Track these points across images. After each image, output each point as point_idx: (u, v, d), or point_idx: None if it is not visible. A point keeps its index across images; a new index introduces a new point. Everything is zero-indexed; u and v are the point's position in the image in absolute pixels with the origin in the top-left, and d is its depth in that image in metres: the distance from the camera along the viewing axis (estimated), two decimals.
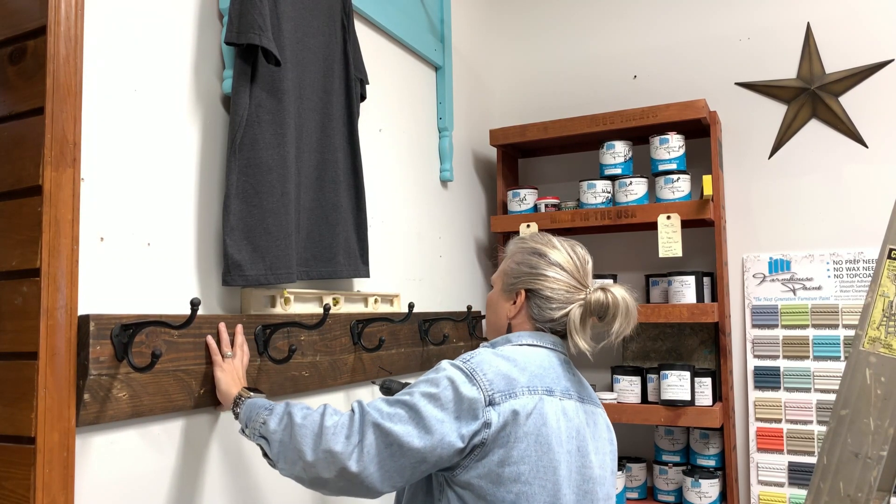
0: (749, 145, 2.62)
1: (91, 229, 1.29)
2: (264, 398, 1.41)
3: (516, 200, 2.70)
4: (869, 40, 2.46)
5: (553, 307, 1.41)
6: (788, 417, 2.43)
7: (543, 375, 1.33)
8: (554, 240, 1.48)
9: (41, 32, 1.21)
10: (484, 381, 1.27)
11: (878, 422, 1.38)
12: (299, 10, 1.75)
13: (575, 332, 1.39)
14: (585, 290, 1.42)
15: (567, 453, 1.29)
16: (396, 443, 1.22)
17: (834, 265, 2.44)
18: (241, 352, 1.51)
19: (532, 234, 1.52)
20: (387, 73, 2.29)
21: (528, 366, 1.33)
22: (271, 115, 1.60)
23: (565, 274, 1.42)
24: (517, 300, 1.45)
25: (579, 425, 1.34)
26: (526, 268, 1.45)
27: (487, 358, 1.32)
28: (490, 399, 1.25)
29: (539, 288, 1.42)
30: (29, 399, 1.16)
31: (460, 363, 1.31)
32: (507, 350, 1.36)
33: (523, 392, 1.28)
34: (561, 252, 1.44)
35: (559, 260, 1.43)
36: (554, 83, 3.00)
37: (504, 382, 1.28)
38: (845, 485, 1.39)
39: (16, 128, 1.23)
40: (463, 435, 1.23)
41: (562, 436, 1.29)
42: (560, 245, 1.47)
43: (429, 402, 1.25)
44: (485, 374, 1.28)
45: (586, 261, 1.47)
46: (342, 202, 1.87)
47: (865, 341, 1.43)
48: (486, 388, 1.26)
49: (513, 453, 1.24)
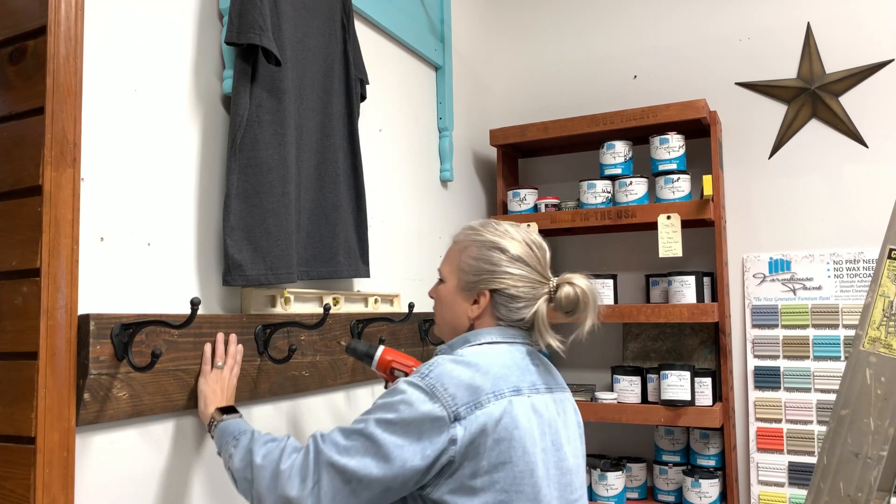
0: (749, 145, 2.62)
1: (91, 229, 1.29)
2: (237, 418, 1.38)
3: (516, 200, 2.70)
4: (869, 40, 2.46)
5: (520, 306, 1.34)
6: (788, 417, 2.43)
7: (508, 375, 1.26)
8: (510, 229, 1.39)
9: (41, 32, 1.21)
10: (446, 396, 1.19)
11: (878, 422, 1.38)
12: (299, 10, 1.75)
13: (544, 329, 1.33)
14: (548, 283, 1.35)
15: (542, 451, 1.24)
16: (355, 478, 1.16)
17: (834, 265, 2.44)
18: (232, 361, 1.49)
19: (484, 223, 1.42)
20: (387, 73, 2.29)
21: (490, 368, 1.25)
22: (271, 115, 1.60)
23: (528, 269, 1.34)
24: (480, 301, 1.36)
25: (551, 418, 1.29)
26: (486, 265, 1.35)
27: (447, 369, 1.23)
28: (455, 414, 1.18)
29: (503, 287, 1.34)
30: (29, 399, 1.16)
31: (418, 380, 1.22)
32: (467, 353, 1.28)
33: (489, 399, 1.21)
34: (520, 244, 1.36)
35: (520, 254, 1.35)
36: (554, 83, 3.00)
37: (468, 393, 1.20)
38: (845, 485, 1.39)
39: (16, 128, 1.23)
40: (427, 456, 1.16)
41: (535, 435, 1.23)
42: (517, 235, 1.38)
43: (386, 429, 1.17)
44: (446, 389, 1.20)
45: (544, 249, 1.39)
46: (342, 202, 1.87)
47: (865, 341, 1.43)
48: (450, 403, 1.18)
49: (483, 463, 1.18)
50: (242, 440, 1.30)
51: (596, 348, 2.83)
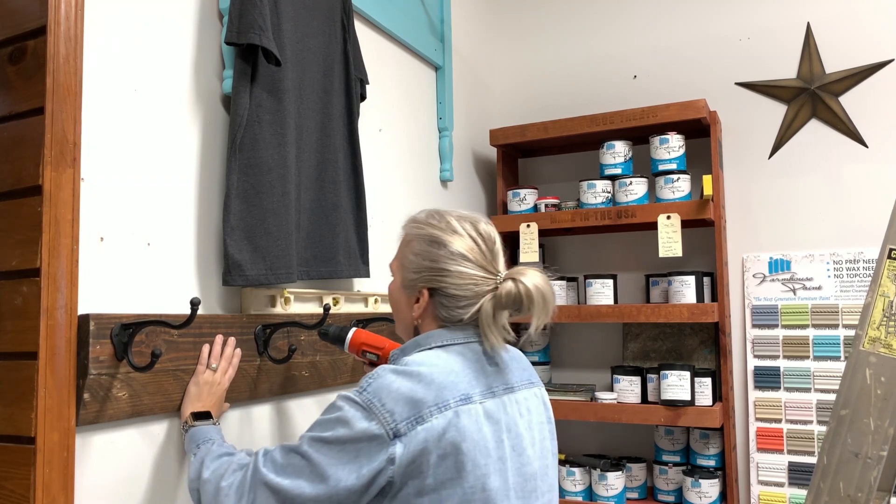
0: (749, 145, 2.62)
1: (91, 229, 1.29)
2: (208, 425, 1.37)
3: (516, 200, 2.70)
4: (869, 40, 2.46)
5: (461, 305, 1.25)
6: (788, 417, 2.43)
7: (456, 382, 1.17)
8: (453, 221, 1.28)
9: (41, 32, 1.21)
10: (383, 412, 1.12)
11: (878, 422, 1.38)
12: (299, 10, 1.75)
13: (488, 329, 1.23)
14: (496, 278, 1.24)
15: (498, 461, 1.16)
16: (288, 498, 1.12)
17: (834, 265, 2.44)
18: (226, 364, 1.48)
19: (430, 214, 1.32)
20: (387, 73, 2.29)
21: (435, 377, 1.16)
22: (271, 115, 1.60)
23: (470, 265, 1.24)
24: (420, 300, 1.28)
25: (510, 422, 1.22)
26: (426, 261, 1.26)
27: (386, 382, 1.15)
28: (394, 431, 1.10)
29: (443, 286, 1.25)
30: (29, 399, 1.16)
31: (356, 395, 1.15)
32: (415, 360, 1.20)
33: (431, 413, 1.12)
34: (463, 238, 1.26)
35: (461, 249, 1.24)
36: (554, 83, 3.00)
37: (408, 408, 1.12)
38: (845, 485, 1.39)
39: (16, 128, 1.23)
40: (363, 475, 1.10)
41: (488, 445, 1.16)
42: (461, 227, 1.27)
43: (321, 448, 1.12)
44: (384, 405, 1.12)
45: (493, 240, 1.28)
46: (342, 202, 1.87)
47: (865, 341, 1.43)
48: (388, 420, 1.11)
49: (429, 481, 1.11)
50: (201, 450, 1.30)
51: (596, 348, 2.83)
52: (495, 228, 1.32)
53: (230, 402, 1.53)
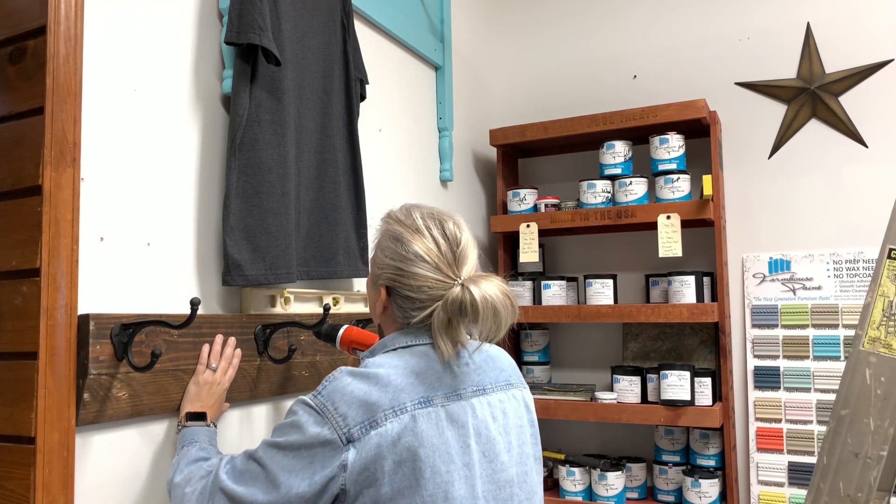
0: (749, 145, 2.62)
1: (91, 229, 1.29)
2: (199, 427, 1.37)
3: (516, 200, 2.70)
4: (869, 40, 2.46)
5: (415, 308, 1.19)
6: (788, 417, 2.43)
7: (416, 384, 1.13)
8: (419, 220, 1.23)
9: (41, 32, 1.21)
10: (336, 416, 1.08)
11: (878, 422, 1.38)
12: (299, 10, 1.75)
13: (439, 336, 1.16)
14: (454, 283, 1.17)
15: (464, 467, 1.11)
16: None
17: (834, 265, 2.44)
18: (226, 364, 1.48)
19: (402, 209, 1.28)
20: (387, 73, 2.29)
21: (392, 379, 1.12)
22: (271, 115, 1.60)
23: (427, 267, 1.18)
24: (381, 297, 1.24)
25: (479, 426, 1.16)
26: (387, 258, 1.22)
27: (341, 385, 1.11)
28: (347, 436, 1.07)
29: (398, 286, 1.20)
30: (29, 399, 1.16)
31: (311, 399, 1.12)
32: (377, 361, 1.17)
33: (386, 417, 1.08)
34: (423, 238, 1.20)
35: (420, 250, 1.19)
36: (554, 83, 3.00)
37: (361, 411, 1.08)
38: (845, 485, 1.39)
39: (16, 128, 1.23)
40: (315, 482, 1.06)
41: (451, 451, 1.11)
42: (425, 226, 1.22)
43: (275, 454, 1.10)
44: (336, 408, 1.09)
45: (458, 242, 1.21)
46: (342, 202, 1.87)
47: (865, 341, 1.43)
48: (340, 424, 1.08)
49: (385, 490, 1.06)
50: (181, 453, 1.30)
51: (596, 348, 2.83)
52: (467, 230, 1.25)
53: (230, 402, 1.53)
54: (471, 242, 1.24)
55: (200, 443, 1.33)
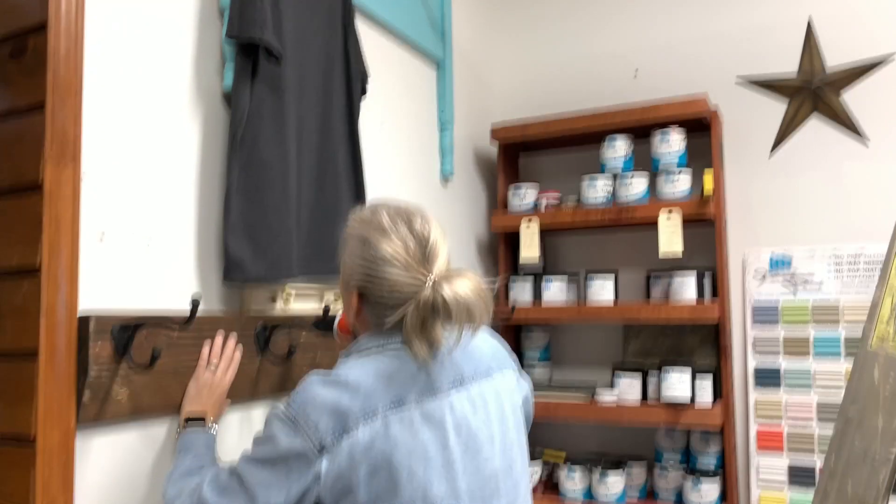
0: (750, 142, 2.62)
1: (91, 227, 1.29)
2: (197, 432, 1.36)
3: (517, 197, 2.70)
4: (870, 36, 2.46)
5: (387, 312, 1.15)
6: (789, 417, 2.42)
7: (388, 387, 1.11)
8: (385, 220, 1.19)
9: (42, 29, 1.20)
10: (308, 426, 1.07)
11: (887, 422, 1.37)
12: (300, 7, 1.74)
13: (411, 338, 1.13)
14: (426, 281, 1.13)
15: (443, 466, 1.10)
16: None
17: (835, 263, 2.43)
18: (226, 363, 1.46)
19: (368, 210, 1.24)
20: (387, 69, 2.28)
21: (363, 382, 1.11)
22: (272, 112, 1.59)
23: (397, 268, 1.14)
24: (353, 301, 1.21)
25: (459, 421, 1.14)
26: (355, 262, 1.19)
27: (311, 394, 1.10)
28: (320, 445, 1.06)
29: (368, 291, 1.17)
30: (29, 399, 1.16)
31: (283, 409, 1.11)
32: (348, 364, 1.16)
33: (358, 423, 1.07)
34: (391, 240, 1.16)
35: (388, 253, 1.15)
36: (555, 79, 2.99)
37: (333, 419, 1.07)
38: (853, 486, 1.38)
39: (16, 125, 1.22)
40: (292, 494, 1.06)
41: (427, 451, 1.09)
42: (392, 226, 1.18)
43: (253, 468, 1.09)
44: (308, 418, 1.07)
45: (426, 239, 1.18)
46: (343, 199, 1.86)
47: (873, 340, 1.42)
48: (312, 434, 1.06)
49: (362, 499, 1.05)
50: (176, 462, 1.30)
51: (596, 346, 2.82)
52: (437, 225, 1.22)
53: (230, 401, 1.53)
54: (440, 237, 1.21)
55: (196, 450, 1.32)
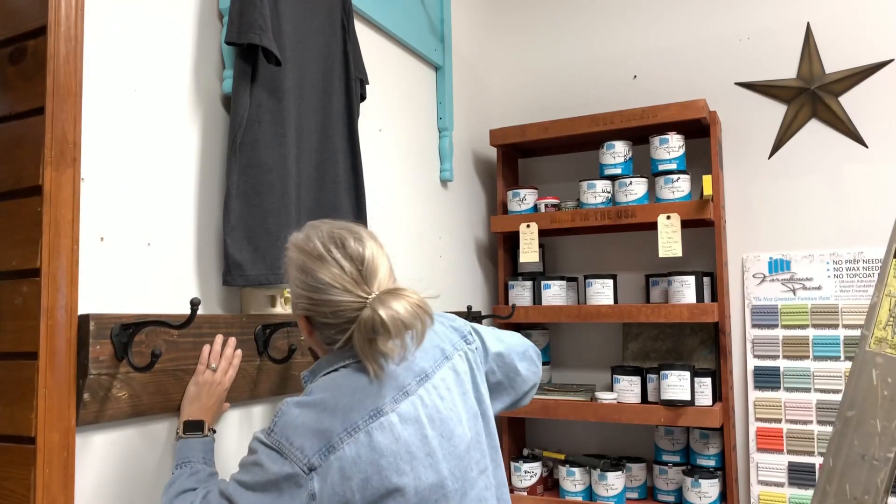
0: (749, 145, 2.62)
1: (91, 229, 1.29)
2: (196, 438, 1.37)
3: (516, 200, 2.70)
4: (869, 40, 2.46)
5: (335, 332, 1.20)
6: (788, 417, 2.43)
7: (363, 399, 1.16)
8: (318, 245, 1.21)
9: (41, 32, 1.21)
10: (293, 450, 1.11)
11: (885, 423, 1.37)
12: (299, 10, 1.74)
13: (363, 356, 1.17)
14: (367, 300, 1.17)
15: (426, 457, 1.16)
16: None
17: (834, 265, 2.44)
18: (226, 364, 1.47)
19: (303, 236, 1.25)
20: (387, 73, 2.29)
21: (339, 402, 1.15)
22: (272, 115, 1.60)
23: (336, 292, 1.17)
24: (302, 325, 1.26)
25: (431, 413, 1.20)
26: (298, 289, 1.22)
27: (291, 418, 1.15)
28: (309, 465, 1.10)
29: (314, 315, 1.21)
30: (29, 399, 1.16)
31: (265, 437, 1.15)
32: (320, 385, 1.19)
33: (342, 440, 1.12)
34: (327, 264, 1.19)
35: (325, 278, 1.18)
36: (554, 83, 3.00)
37: (317, 440, 1.11)
38: (852, 487, 1.38)
39: (16, 128, 1.23)
40: None
41: (411, 449, 1.15)
42: (326, 250, 1.20)
43: (244, 493, 1.12)
44: (292, 443, 1.12)
45: (362, 258, 1.20)
46: (342, 202, 1.87)
47: (871, 342, 1.42)
48: (299, 457, 1.10)
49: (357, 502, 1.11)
50: (172, 478, 1.31)
51: (596, 348, 2.82)
52: (370, 241, 1.24)
53: (230, 401, 1.53)
54: (377, 253, 1.23)
55: (194, 463, 1.34)
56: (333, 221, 1.28)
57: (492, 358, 1.41)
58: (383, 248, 1.26)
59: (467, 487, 1.22)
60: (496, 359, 1.42)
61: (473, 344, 1.38)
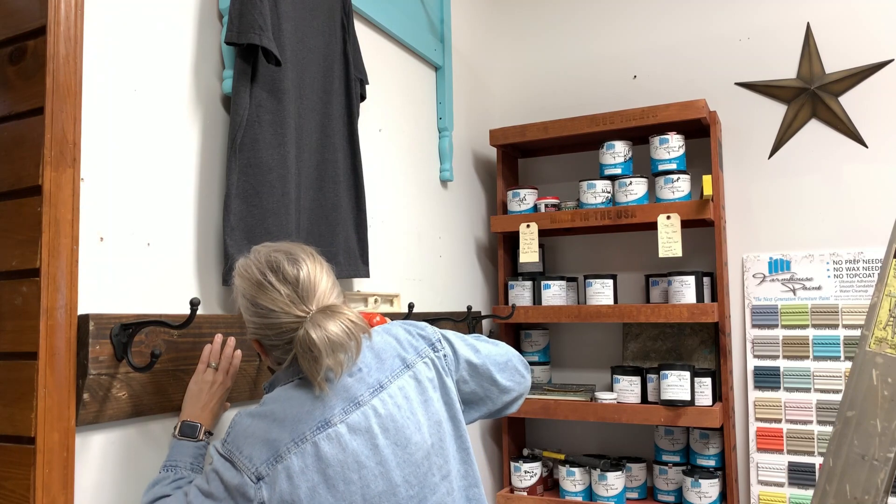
0: (749, 145, 2.62)
1: (91, 229, 1.29)
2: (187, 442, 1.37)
3: (516, 200, 2.70)
4: (869, 40, 2.46)
5: (280, 353, 1.26)
6: (788, 417, 2.43)
7: (312, 410, 1.20)
8: (256, 273, 1.25)
9: (41, 32, 1.21)
10: (243, 460, 1.16)
11: (885, 423, 1.37)
12: (299, 10, 1.74)
13: (307, 373, 1.21)
14: (304, 318, 1.21)
15: (377, 465, 1.19)
16: None
17: (834, 265, 2.44)
18: (227, 363, 1.47)
19: (243, 264, 1.29)
20: (387, 73, 2.29)
21: (288, 412, 1.19)
22: (271, 115, 1.60)
23: (275, 315, 1.22)
24: (256, 348, 1.31)
25: (385, 423, 1.23)
26: (247, 315, 1.27)
27: (242, 428, 1.20)
28: (257, 474, 1.15)
29: (261, 338, 1.26)
30: (29, 399, 1.16)
31: (220, 447, 1.20)
32: (272, 397, 1.23)
33: (289, 450, 1.16)
34: (265, 290, 1.23)
35: (265, 304, 1.23)
36: (554, 83, 3.00)
37: (265, 450, 1.16)
38: (852, 487, 1.37)
39: (16, 128, 1.23)
40: None
41: (359, 458, 1.19)
42: (263, 277, 1.24)
43: (205, 499, 1.17)
44: (242, 452, 1.17)
45: (297, 280, 1.24)
46: (342, 202, 1.87)
47: (871, 342, 1.42)
48: (248, 466, 1.15)
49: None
50: (157, 478, 1.32)
51: (596, 348, 2.83)
52: (307, 260, 1.27)
53: (230, 401, 1.53)
54: (313, 271, 1.26)
55: (181, 468, 1.34)
56: (273, 244, 1.32)
57: (463, 367, 1.42)
58: (323, 265, 1.30)
59: (427, 493, 1.25)
60: (468, 368, 1.42)
61: (441, 351, 1.39)
